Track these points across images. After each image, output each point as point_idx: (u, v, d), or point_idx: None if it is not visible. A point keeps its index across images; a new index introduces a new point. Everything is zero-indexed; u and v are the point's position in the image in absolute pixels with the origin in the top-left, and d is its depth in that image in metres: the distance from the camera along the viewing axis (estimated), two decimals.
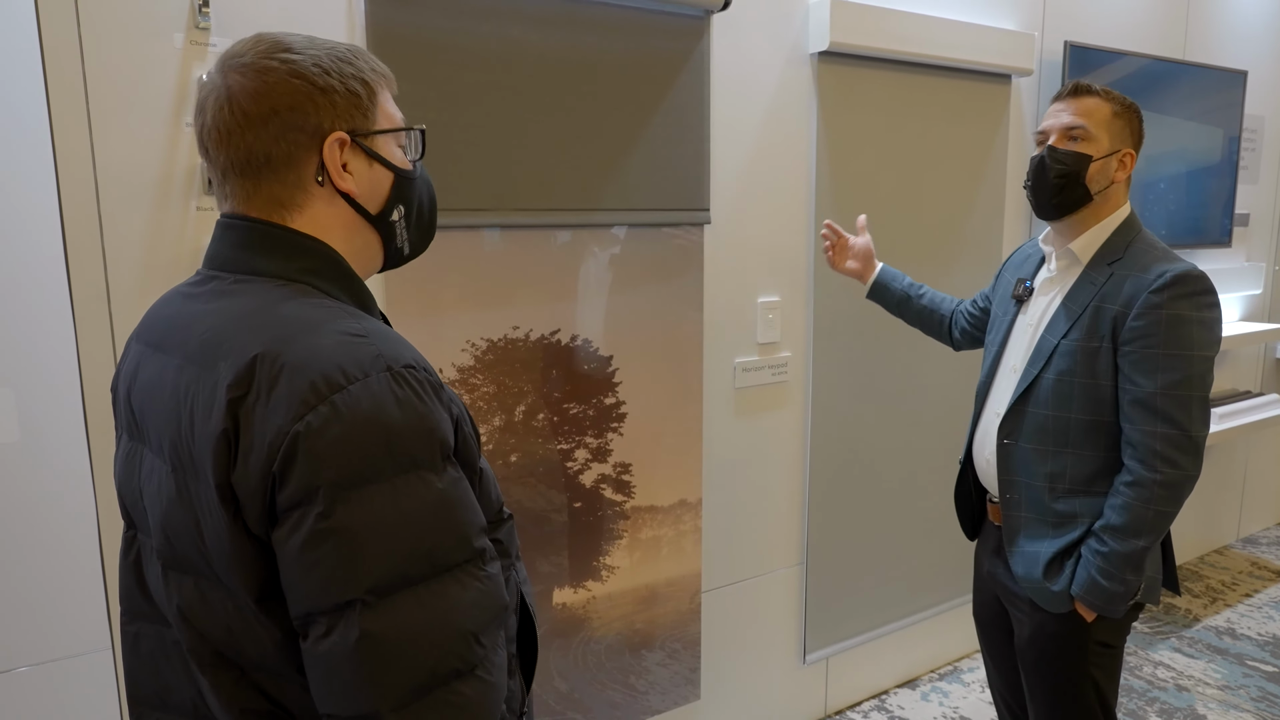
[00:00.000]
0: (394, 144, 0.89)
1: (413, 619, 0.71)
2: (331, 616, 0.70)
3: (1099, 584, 1.55)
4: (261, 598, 0.75)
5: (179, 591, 0.80)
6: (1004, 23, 2.65)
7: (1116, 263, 1.58)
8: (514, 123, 1.81)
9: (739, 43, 2.14)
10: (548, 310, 1.92)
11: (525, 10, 1.79)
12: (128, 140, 1.48)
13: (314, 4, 1.61)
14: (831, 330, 2.41)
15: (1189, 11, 3.25)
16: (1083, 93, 1.61)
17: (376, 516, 0.70)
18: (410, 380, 0.75)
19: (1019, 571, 1.68)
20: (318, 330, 0.75)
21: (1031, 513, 1.66)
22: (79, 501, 1.50)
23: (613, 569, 2.09)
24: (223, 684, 0.78)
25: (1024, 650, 1.73)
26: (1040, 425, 1.62)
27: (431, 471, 0.74)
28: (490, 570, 0.78)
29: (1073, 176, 1.58)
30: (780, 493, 2.43)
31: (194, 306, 0.83)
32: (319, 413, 0.70)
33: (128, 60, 1.46)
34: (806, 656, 2.53)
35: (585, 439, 2.01)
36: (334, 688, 0.71)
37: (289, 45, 0.82)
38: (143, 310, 1.52)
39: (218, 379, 0.74)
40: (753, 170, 2.22)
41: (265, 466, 0.70)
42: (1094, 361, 1.56)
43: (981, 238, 2.71)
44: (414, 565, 0.72)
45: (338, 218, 0.85)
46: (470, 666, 0.74)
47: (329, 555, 0.70)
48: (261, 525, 0.72)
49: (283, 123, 0.80)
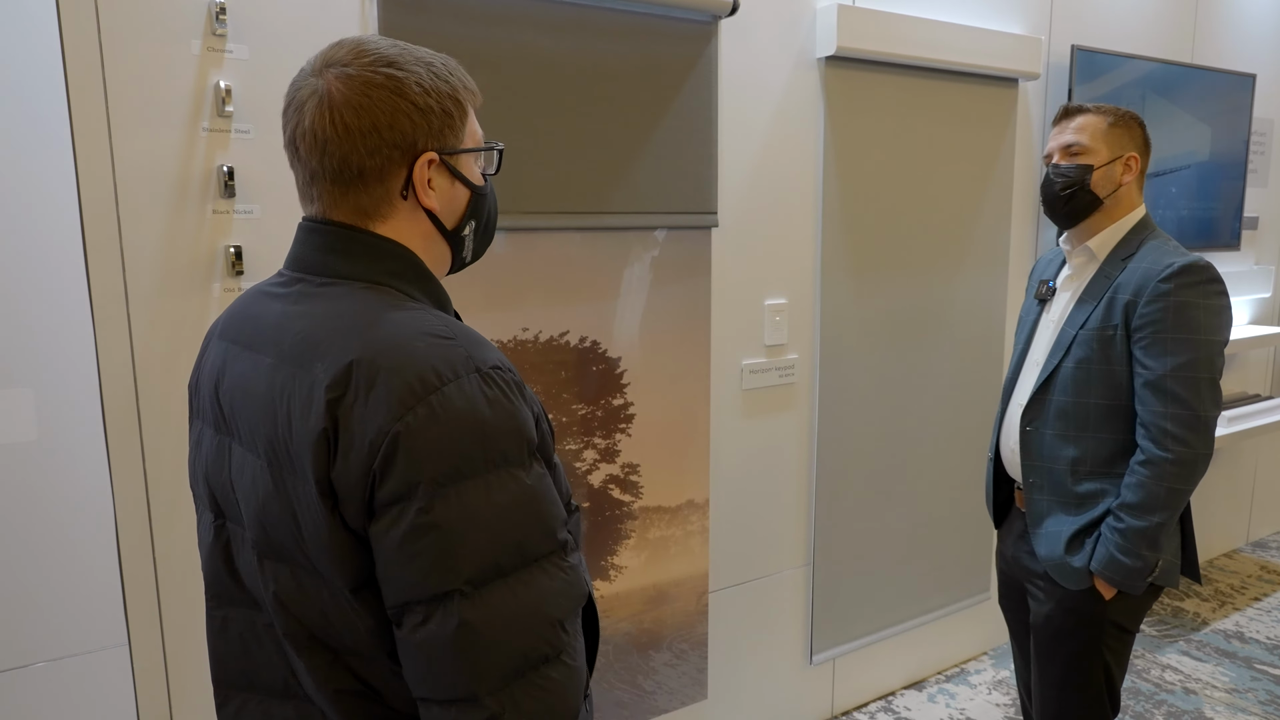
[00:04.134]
0: (473, 161, 0.92)
1: (506, 608, 0.75)
2: (429, 605, 0.74)
3: (1117, 559, 1.63)
4: (357, 587, 0.79)
5: (275, 579, 0.83)
6: (1011, 27, 2.67)
7: (1130, 257, 1.69)
8: (525, 127, 1.83)
9: (747, 47, 2.16)
10: (557, 312, 1.94)
11: (535, 15, 1.81)
12: (146, 144, 1.51)
13: (328, 10, 1.63)
14: (838, 332, 2.43)
15: (1197, 15, 3.26)
16: (1075, 113, 1.75)
17: (472, 511, 0.74)
18: (498, 380, 0.78)
19: (1042, 552, 1.75)
20: (409, 333, 0.78)
21: (1054, 495, 1.74)
22: (97, 499, 1.53)
23: (620, 568, 2.11)
24: (318, 666, 0.83)
25: (1039, 628, 1.79)
26: (1061, 411, 1.72)
27: (520, 467, 0.78)
28: (572, 560, 0.82)
29: (1078, 186, 1.71)
30: (787, 494, 2.44)
31: (282, 307, 0.86)
32: (417, 413, 0.74)
33: (146, 66, 1.49)
34: (813, 657, 2.54)
35: (594, 439, 2.03)
36: (432, 673, 0.75)
37: (392, 59, 0.83)
38: (161, 311, 1.55)
39: (315, 380, 0.77)
40: (760, 174, 2.24)
41: (367, 464, 0.74)
42: (1109, 348, 1.66)
43: (989, 242, 2.72)
44: (506, 557, 0.76)
45: (417, 228, 0.88)
46: (557, 652, 0.78)
47: (429, 548, 0.73)
48: (359, 519, 0.76)
49: (381, 139, 0.82)
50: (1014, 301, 2.84)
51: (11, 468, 1.45)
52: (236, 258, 1.58)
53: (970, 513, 2.83)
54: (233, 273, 1.59)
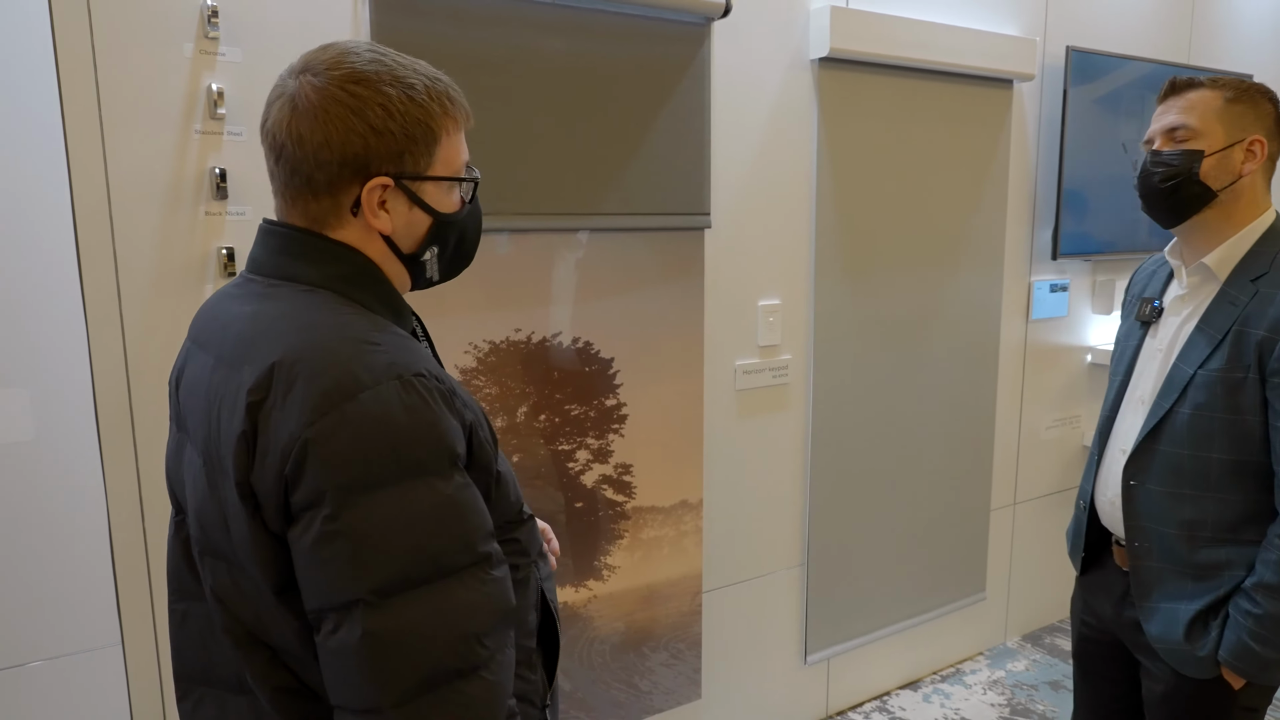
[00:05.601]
0: (445, 189, 0.90)
1: (414, 619, 0.74)
2: (339, 614, 0.74)
3: (1252, 649, 1.37)
4: (280, 590, 0.79)
5: (214, 576, 0.84)
6: (1006, 28, 2.67)
7: (1262, 279, 1.39)
8: (517, 128, 1.84)
9: (740, 49, 2.17)
10: (550, 313, 1.95)
11: (528, 17, 1.82)
12: (139, 146, 1.52)
13: (321, 12, 1.64)
14: (832, 333, 2.43)
15: (1193, 15, 3.26)
16: (1183, 88, 1.44)
17: (382, 520, 0.74)
18: (419, 388, 0.77)
19: (1154, 631, 1.49)
20: (335, 338, 0.78)
21: (1167, 563, 1.48)
22: (91, 499, 1.53)
23: (614, 568, 2.12)
24: (257, 663, 0.83)
25: (1155, 710, 1.55)
26: (1175, 466, 1.44)
27: (438, 477, 0.77)
28: (496, 574, 0.81)
29: (1185, 177, 1.41)
30: (781, 494, 2.45)
31: (232, 308, 0.87)
32: (329, 419, 0.73)
33: (139, 68, 1.50)
34: (808, 657, 2.54)
35: (586, 440, 2.04)
36: (341, 681, 0.75)
37: (363, 77, 0.82)
38: (154, 312, 1.56)
39: (241, 382, 0.78)
40: (754, 175, 2.24)
41: (279, 469, 0.74)
42: (1237, 394, 1.37)
43: (984, 243, 2.72)
44: (417, 567, 0.75)
45: (371, 245, 0.88)
46: (473, 667, 0.76)
47: (335, 556, 0.73)
48: (279, 523, 0.76)
49: (331, 154, 0.82)
50: (1010, 304, 2.84)
51: (7, 468, 1.46)
52: (229, 259, 1.59)
53: (965, 513, 2.83)
54: (225, 274, 1.60)
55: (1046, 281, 2.94)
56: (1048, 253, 2.89)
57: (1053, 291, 2.96)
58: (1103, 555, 1.66)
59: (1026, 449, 3.04)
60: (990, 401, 2.84)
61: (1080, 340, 3.11)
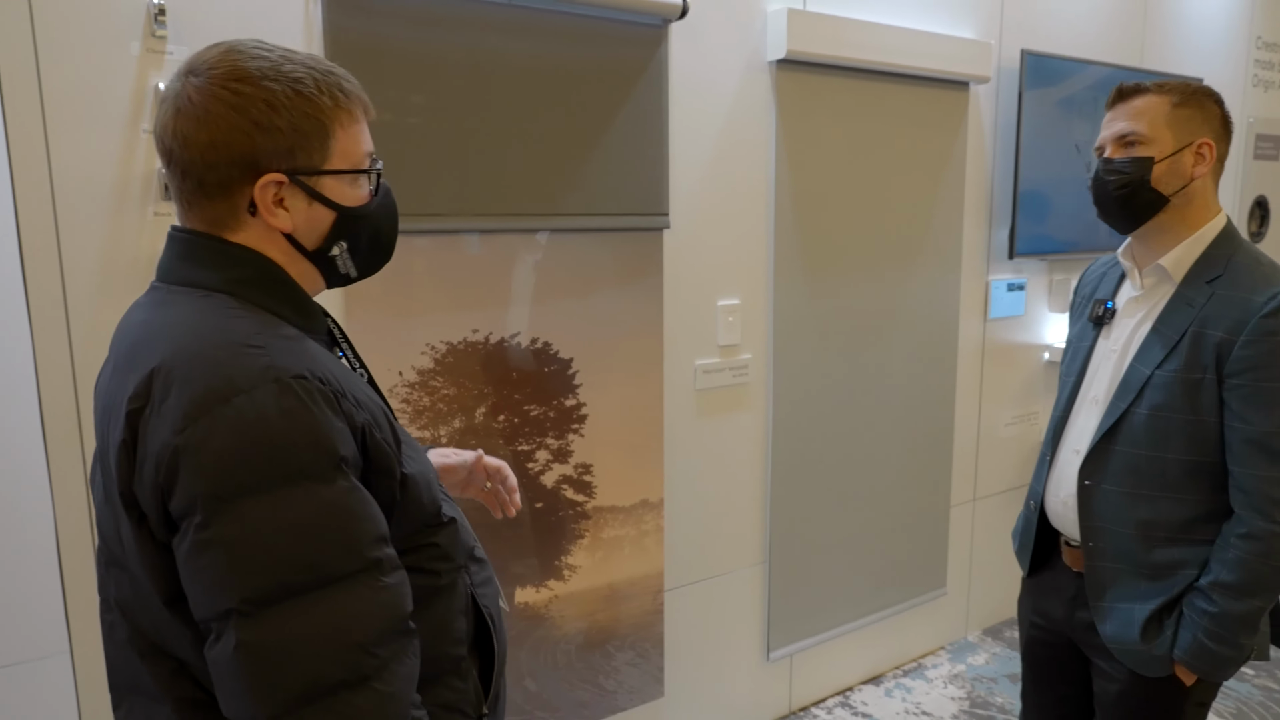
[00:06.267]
0: (347, 182, 0.88)
1: (294, 628, 0.72)
2: (218, 624, 0.73)
3: (1207, 647, 1.38)
4: (169, 600, 0.78)
5: (116, 586, 0.84)
6: (961, 31, 2.71)
7: (1217, 280, 1.40)
8: (473, 129, 1.83)
9: (698, 51, 2.18)
10: (507, 313, 1.95)
11: (484, 18, 1.82)
12: (84, 147, 1.49)
13: (271, 12, 1.63)
14: (792, 332, 2.45)
15: (1145, 19, 3.33)
16: (1130, 94, 1.45)
17: (254, 527, 0.72)
18: (298, 390, 0.75)
19: (1109, 632, 1.49)
20: (213, 343, 0.77)
21: (1121, 564, 1.48)
22: (37, 507, 1.51)
23: (575, 568, 2.12)
24: (160, 673, 0.82)
25: (1108, 709, 1.56)
26: (1131, 466, 1.45)
27: (318, 482, 0.75)
28: (389, 580, 0.79)
29: (1138, 184, 1.42)
30: (742, 492, 2.46)
31: (134, 316, 0.86)
32: (200, 425, 0.72)
33: (84, 68, 1.48)
34: (770, 654, 2.56)
35: (546, 440, 2.04)
36: (224, 691, 0.74)
37: (245, 74, 0.81)
38: (101, 315, 1.54)
39: (125, 390, 0.77)
40: (712, 175, 2.26)
41: (154, 477, 0.73)
42: (1195, 395, 1.38)
43: (941, 244, 2.76)
44: (296, 575, 0.73)
45: (273, 244, 0.86)
46: (362, 677, 0.75)
47: (209, 565, 0.72)
48: (163, 532, 0.75)
49: (217, 155, 0.80)
50: (967, 303, 2.88)
51: None
52: None
53: (925, 510, 2.87)
54: None
55: (1004, 281, 2.99)
56: (1004, 252, 2.93)
57: (1010, 290, 3.01)
58: (1051, 556, 1.66)
59: (985, 446, 3.08)
60: (949, 399, 2.88)
61: (1038, 339, 3.16)
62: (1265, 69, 3.93)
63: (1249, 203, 4.00)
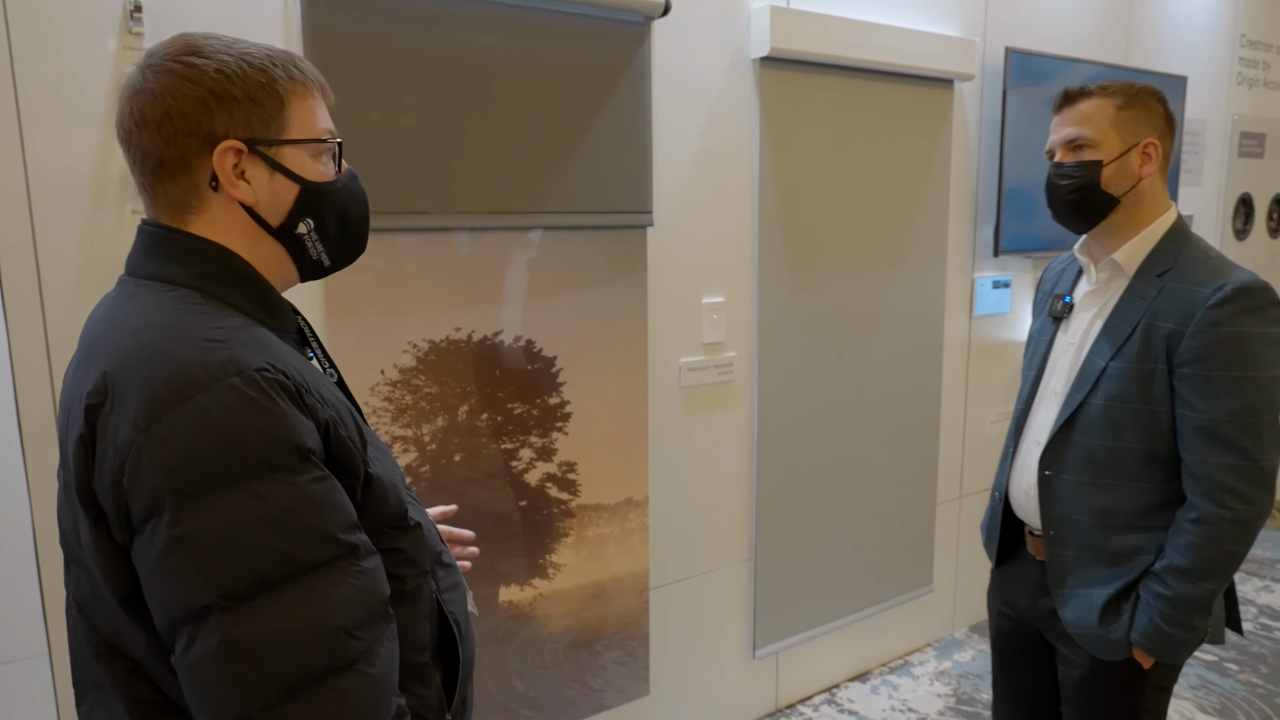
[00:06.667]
0: (308, 155, 0.88)
1: (276, 620, 0.72)
2: (192, 626, 0.71)
3: (1162, 630, 1.41)
4: (125, 600, 0.76)
5: (75, 583, 0.83)
6: (945, 29, 2.71)
7: (1167, 274, 1.44)
8: (455, 127, 1.83)
9: (681, 48, 2.18)
10: (490, 312, 1.94)
11: (465, 15, 1.81)
12: (60, 144, 1.48)
13: (250, 9, 1.62)
14: (777, 330, 2.46)
15: (1130, 17, 3.34)
16: (1075, 99, 1.49)
17: (226, 522, 0.71)
18: (261, 383, 0.75)
19: (1069, 617, 1.53)
20: (173, 337, 0.76)
21: (1081, 551, 1.52)
22: (13, 508, 1.50)
23: (559, 566, 2.12)
24: (115, 673, 0.81)
25: (1072, 694, 1.60)
26: (1089, 456, 1.49)
27: (286, 473, 0.74)
28: (365, 565, 0.79)
29: (1087, 187, 1.46)
30: (728, 490, 2.46)
31: (100, 310, 0.86)
32: (163, 423, 0.71)
33: (60, 65, 1.47)
34: (756, 651, 2.56)
35: (530, 438, 2.04)
36: (203, 696, 0.72)
37: (198, 49, 0.82)
38: (78, 313, 1.53)
39: (85, 385, 0.76)
40: (696, 173, 2.26)
41: (116, 476, 0.72)
42: (1148, 386, 1.42)
43: (927, 241, 2.76)
44: (273, 567, 0.72)
45: (236, 223, 0.86)
46: (347, 661, 0.74)
47: (181, 563, 0.71)
48: (122, 533, 0.74)
49: (174, 127, 0.81)
50: (952, 301, 2.89)
51: None
52: None
53: (912, 507, 2.88)
54: None
55: (989, 278, 2.99)
56: (990, 250, 2.94)
57: (995, 288, 3.02)
58: (1017, 547, 1.69)
59: (971, 443, 3.09)
60: (935, 397, 2.89)
61: (1023, 336, 3.16)
62: (1250, 67, 3.95)
63: (1234, 200, 4.02)
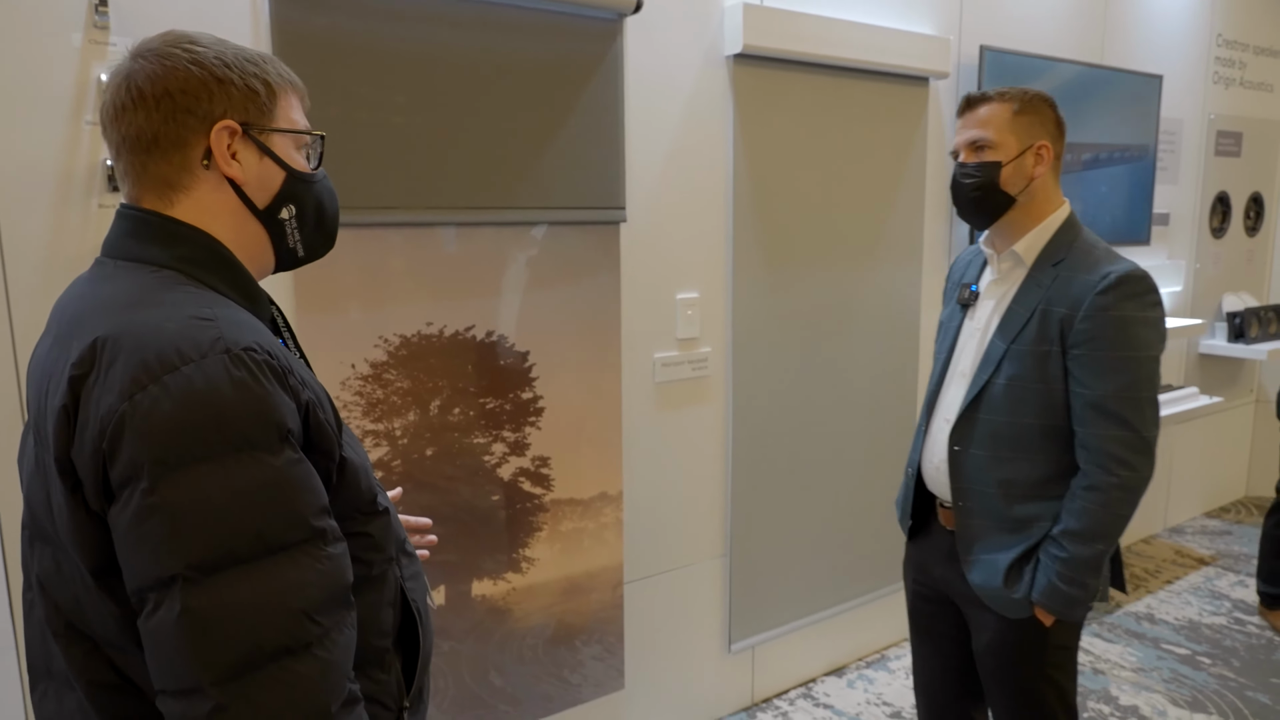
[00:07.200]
0: (292, 147, 0.93)
1: (238, 596, 0.73)
2: (159, 592, 0.73)
3: (1059, 589, 1.55)
4: (98, 572, 0.77)
5: (39, 561, 0.84)
6: (920, 27, 2.73)
7: (1061, 264, 1.58)
8: (424, 122, 1.84)
9: (654, 45, 2.19)
10: (462, 306, 1.95)
11: (434, 12, 1.82)
12: (26, 139, 1.49)
13: (217, 4, 1.62)
14: (751, 326, 2.47)
15: (1106, 16, 3.37)
16: (977, 103, 1.62)
17: (202, 494, 0.73)
18: (248, 361, 0.77)
19: (977, 581, 1.65)
20: (164, 313, 0.78)
21: (988, 519, 1.64)
22: None
23: (532, 561, 2.13)
24: (74, 655, 0.82)
25: (983, 657, 1.72)
26: (993, 431, 1.61)
27: (266, 452, 0.76)
28: (331, 550, 0.80)
29: (988, 185, 1.59)
30: (703, 485, 2.48)
31: (76, 290, 0.87)
32: (149, 392, 0.73)
33: (24, 59, 1.47)
34: (732, 646, 2.58)
35: (502, 433, 2.05)
36: (161, 662, 0.74)
37: (196, 39, 0.87)
38: (45, 308, 1.53)
39: (68, 357, 0.78)
40: (670, 169, 2.27)
41: (97, 443, 0.74)
42: (1044, 365, 1.56)
43: (902, 237, 2.78)
44: (242, 543, 0.74)
45: (223, 204, 0.89)
46: (303, 644, 0.76)
47: (153, 531, 0.72)
48: (98, 501, 0.75)
49: (174, 105, 0.84)
50: (929, 296, 2.91)
51: None
52: None
53: (886, 502, 2.89)
54: None
55: None
56: (964, 246, 2.96)
57: None
58: (929, 520, 1.81)
59: None
60: (911, 392, 2.91)
61: None
62: (1226, 66, 3.99)
63: (1210, 199, 4.05)
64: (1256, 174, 4.26)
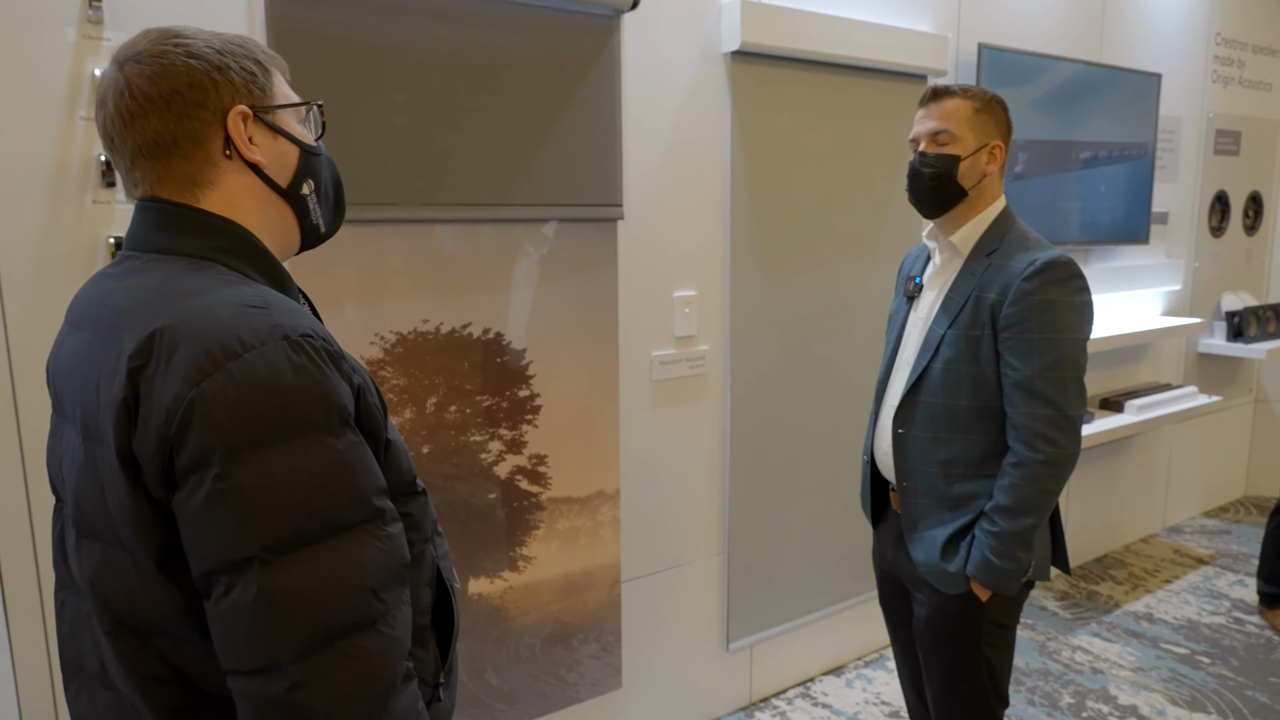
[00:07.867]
0: (295, 121, 0.93)
1: (310, 575, 0.75)
2: (231, 575, 0.74)
3: (992, 562, 1.61)
4: (162, 561, 0.78)
5: (88, 558, 0.84)
6: (918, 24, 2.73)
7: (994, 253, 1.66)
8: (422, 119, 1.83)
9: (651, 42, 2.18)
10: (459, 304, 1.95)
11: (430, 7, 1.81)
12: (20, 134, 1.48)
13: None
14: (749, 324, 2.46)
15: (1104, 15, 3.36)
16: (942, 96, 1.67)
17: (272, 478, 0.74)
18: (307, 348, 0.78)
19: (919, 557, 1.73)
20: (217, 302, 0.79)
21: (929, 499, 1.71)
22: None
23: (530, 559, 2.12)
24: (124, 650, 0.82)
25: (922, 632, 1.78)
26: (932, 413, 1.69)
27: (328, 435, 0.78)
28: (391, 530, 0.82)
29: (945, 177, 1.66)
30: (700, 483, 2.47)
31: (109, 285, 0.87)
32: (214, 380, 0.74)
33: (18, 54, 1.46)
34: (730, 645, 2.57)
35: (499, 431, 2.04)
36: (235, 643, 0.75)
37: (180, 31, 0.86)
38: (39, 303, 1.53)
39: (121, 350, 0.78)
40: (667, 167, 2.26)
41: (163, 431, 0.74)
42: (977, 349, 1.63)
43: (898, 235, 2.78)
44: (311, 524, 0.76)
45: (249, 190, 0.89)
46: (370, 620, 0.78)
47: (226, 515, 0.73)
48: (161, 490, 0.76)
49: (184, 101, 0.84)
50: None
51: None
52: (118, 248, 1.56)
53: None
54: None
55: None
56: None
57: None
58: (886, 506, 1.88)
59: None
60: None
61: None
62: (1224, 65, 3.98)
63: (1209, 198, 4.05)
64: (1255, 173, 4.26)
